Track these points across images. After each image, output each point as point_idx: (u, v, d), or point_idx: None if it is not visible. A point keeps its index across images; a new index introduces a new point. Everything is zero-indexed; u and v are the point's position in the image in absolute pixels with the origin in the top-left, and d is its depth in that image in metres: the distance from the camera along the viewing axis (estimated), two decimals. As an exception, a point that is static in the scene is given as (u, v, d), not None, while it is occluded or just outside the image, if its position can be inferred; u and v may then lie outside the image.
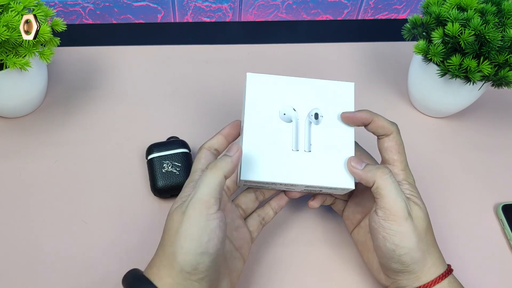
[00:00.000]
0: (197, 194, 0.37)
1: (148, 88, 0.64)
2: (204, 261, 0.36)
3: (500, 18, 0.51)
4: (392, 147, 0.43)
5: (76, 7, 0.71)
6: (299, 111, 0.44)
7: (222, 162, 0.38)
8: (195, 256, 0.36)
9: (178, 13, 0.73)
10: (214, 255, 0.36)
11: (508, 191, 0.56)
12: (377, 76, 0.67)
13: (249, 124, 0.43)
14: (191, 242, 0.36)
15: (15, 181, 0.54)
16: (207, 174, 0.38)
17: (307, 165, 0.43)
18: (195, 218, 0.36)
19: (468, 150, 0.60)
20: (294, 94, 0.45)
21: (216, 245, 0.36)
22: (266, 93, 0.44)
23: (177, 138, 0.56)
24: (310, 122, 0.44)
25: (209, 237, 0.36)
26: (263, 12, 0.75)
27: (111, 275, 0.48)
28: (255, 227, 0.47)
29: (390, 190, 0.40)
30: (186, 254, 0.36)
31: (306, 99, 0.45)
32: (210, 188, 0.37)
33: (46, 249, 0.49)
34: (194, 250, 0.36)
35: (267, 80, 0.45)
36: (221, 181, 0.38)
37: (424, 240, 0.41)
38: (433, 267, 0.41)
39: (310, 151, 0.43)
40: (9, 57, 0.49)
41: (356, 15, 0.76)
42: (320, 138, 0.44)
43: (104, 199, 0.53)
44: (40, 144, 0.57)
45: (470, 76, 0.50)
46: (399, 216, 0.40)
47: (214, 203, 0.37)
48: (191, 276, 0.36)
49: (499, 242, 0.52)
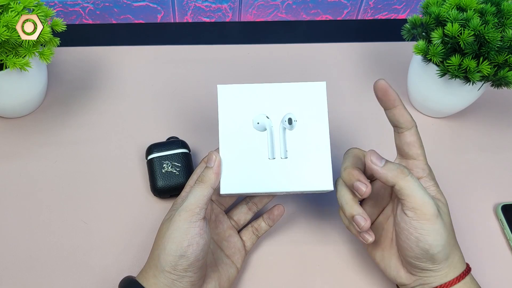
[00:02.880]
0: (184, 204, 0.41)
1: (148, 88, 0.64)
2: (182, 263, 0.40)
3: (499, 19, 0.51)
4: (416, 142, 0.43)
5: (76, 7, 0.71)
6: (272, 118, 0.44)
7: (207, 176, 0.42)
8: (174, 258, 0.40)
9: (178, 13, 0.73)
10: (192, 259, 0.40)
11: (508, 191, 0.56)
12: (377, 76, 0.67)
13: (224, 137, 0.44)
14: (172, 244, 0.40)
15: (15, 181, 0.54)
16: (195, 188, 0.42)
17: (284, 172, 0.43)
18: (178, 224, 0.40)
19: (467, 150, 0.60)
20: (267, 101, 0.45)
21: (195, 251, 0.40)
22: (239, 103, 0.44)
23: (177, 138, 0.56)
24: (284, 128, 0.44)
25: (189, 242, 0.40)
26: (263, 12, 0.75)
27: (111, 275, 0.48)
28: (248, 237, 0.49)
29: (417, 190, 0.40)
30: (167, 255, 0.40)
31: (279, 105, 0.45)
32: (196, 199, 0.41)
33: (46, 249, 0.49)
34: (174, 252, 0.40)
35: (238, 90, 0.45)
36: (209, 192, 0.41)
37: (452, 235, 0.42)
38: (458, 263, 0.42)
39: (287, 157, 0.43)
40: (9, 57, 0.49)
41: (356, 15, 0.77)
42: (295, 142, 0.44)
43: (104, 199, 0.53)
44: (40, 144, 0.57)
45: (470, 76, 0.50)
46: (431, 215, 0.39)
47: (198, 213, 0.41)
48: (171, 275, 0.40)
49: (498, 242, 0.52)
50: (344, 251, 0.51)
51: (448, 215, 0.42)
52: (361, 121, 0.62)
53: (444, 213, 0.42)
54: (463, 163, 0.58)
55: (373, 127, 0.61)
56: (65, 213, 0.52)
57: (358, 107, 0.63)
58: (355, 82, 0.66)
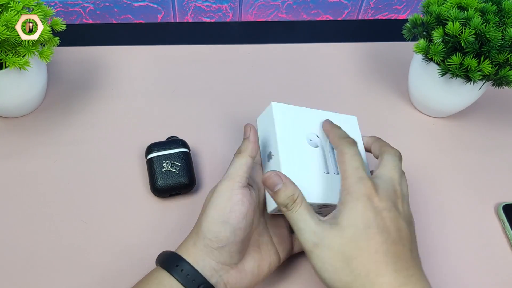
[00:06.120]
0: (226, 174, 0.42)
1: (148, 88, 0.64)
2: (225, 230, 0.40)
3: (500, 17, 0.50)
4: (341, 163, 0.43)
5: (76, 7, 0.71)
6: (321, 138, 0.46)
7: (244, 146, 0.44)
8: (217, 224, 0.40)
9: (178, 13, 0.73)
10: (235, 226, 0.40)
11: (509, 191, 0.56)
12: (377, 76, 0.67)
13: (284, 150, 0.44)
14: (215, 210, 0.40)
15: (15, 180, 0.54)
16: (234, 159, 0.43)
17: (338, 186, 0.43)
18: (221, 191, 0.41)
19: (468, 150, 0.59)
20: (313, 123, 0.46)
21: (237, 217, 0.40)
22: (291, 121, 0.45)
23: (177, 138, 0.56)
24: (332, 148, 0.45)
25: (231, 208, 0.40)
26: (263, 12, 0.75)
27: (111, 274, 0.48)
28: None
29: (293, 224, 0.39)
30: (210, 222, 0.40)
31: (321, 129, 0.46)
32: (236, 169, 0.42)
33: (45, 249, 0.49)
34: (217, 218, 0.40)
35: (289, 109, 0.46)
36: (247, 161, 0.43)
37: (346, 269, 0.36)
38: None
39: (338, 173, 0.43)
40: (9, 56, 0.49)
41: (356, 15, 0.76)
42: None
43: (104, 198, 0.53)
44: (40, 144, 0.57)
45: (471, 75, 0.50)
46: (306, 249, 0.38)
47: (239, 180, 0.41)
48: (212, 244, 0.40)
49: (500, 242, 0.52)
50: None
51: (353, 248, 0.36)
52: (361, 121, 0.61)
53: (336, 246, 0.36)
54: (463, 162, 0.58)
55: (373, 127, 0.61)
56: (64, 212, 0.52)
57: (358, 107, 0.63)
58: (355, 82, 0.66)
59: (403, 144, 0.59)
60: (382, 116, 0.62)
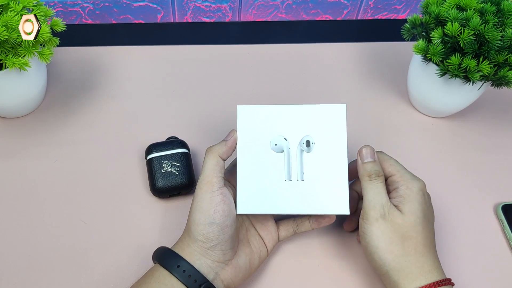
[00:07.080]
0: (201, 177, 0.44)
1: (148, 88, 0.64)
2: (213, 230, 0.42)
3: (499, 18, 0.50)
4: (391, 161, 0.47)
5: (75, 7, 0.71)
6: (290, 140, 0.44)
7: (217, 146, 0.45)
8: (205, 226, 0.42)
9: (178, 13, 0.73)
10: (221, 224, 0.42)
11: (508, 191, 0.56)
12: (377, 76, 0.67)
13: (242, 157, 0.44)
14: (200, 214, 0.42)
15: (15, 181, 0.54)
16: (206, 158, 0.44)
17: (300, 195, 0.43)
18: (202, 195, 0.43)
19: (467, 150, 0.60)
20: (286, 123, 0.45)
21: (222, 216, 0.42)
22: (257, 124, 0.45)
23: (177, 138, 0.56)
24: (301, 150, 0.44)
25: (214, 209, 0.42)
26: (263, 12, 0.75)
27: (111, 274, 0.48)
28: (285, 227, 0.49)
29: (369, 192, 0.43)
30: (197, 225, 0.42)
31: (297, 127, 0.45)
32: (210, 170, 0.43)
33: (45, 249, 0.49)
34: (203, 221, 0.42)
35: (257, 111, 0.45)
36: (218, 162, 0.44)
37: (400, 245, 0.42)
38: (418, 280, 0.41)
39: (303, 180, 0.44)
40: (8, 57, 0.49)
41: (356, 15, 0.76)
42: (312, 165, 0.44)
43: (104, 199, 0.53)
44: (40, 144, 0.57)
45: (470, 75, 0.50)
46: (371, 217, 0.42)
47: (217, 182, 0.43)
48: (204, 244, 0.42)
49: (499, 242, 0.52)
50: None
51: (402, 227, 0.42)
52: (361, 121, 0.62)
53: (395, 223, 0.42)
54: (463, 163, 0.58)
55: (373, 126, 0.61)
56: (64, 212, 0.52)
57: (357, 107, 0.63)
58: (355, 82, 0.66)
59: (402, 144, 0.60)
60: (381, 116, 0.62)
